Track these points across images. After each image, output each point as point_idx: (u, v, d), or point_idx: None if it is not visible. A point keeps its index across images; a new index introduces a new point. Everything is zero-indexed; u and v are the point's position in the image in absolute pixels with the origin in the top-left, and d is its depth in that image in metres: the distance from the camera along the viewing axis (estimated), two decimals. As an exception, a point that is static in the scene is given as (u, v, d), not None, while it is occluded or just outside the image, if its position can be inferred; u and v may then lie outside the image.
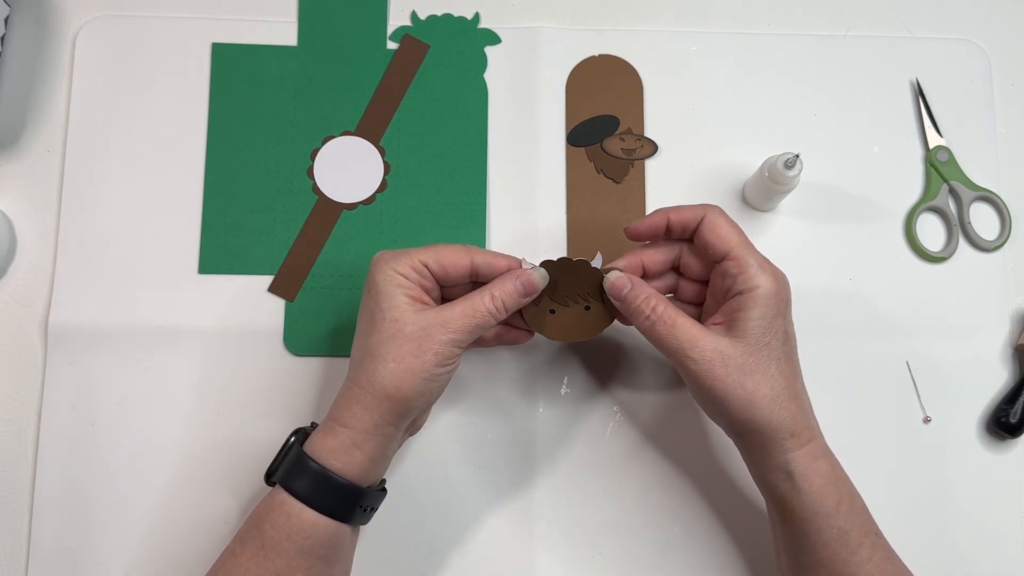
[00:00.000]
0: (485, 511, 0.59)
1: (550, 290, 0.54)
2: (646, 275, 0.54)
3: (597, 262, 0.53)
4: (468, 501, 0.59)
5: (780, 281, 0.50)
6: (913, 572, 0.50)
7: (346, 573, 0.53)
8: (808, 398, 0.51)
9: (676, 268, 0.55)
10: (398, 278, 0.50)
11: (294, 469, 0.49)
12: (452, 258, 0.51)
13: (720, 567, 0.59)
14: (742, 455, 0.52)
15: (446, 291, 0.54)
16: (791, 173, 0.58)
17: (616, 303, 0.52)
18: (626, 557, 0.59)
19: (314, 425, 0.53)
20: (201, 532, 0.58)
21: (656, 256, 0.53)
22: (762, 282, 0.49)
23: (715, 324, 0.50)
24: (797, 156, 0.58)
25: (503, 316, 0.51)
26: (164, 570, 0.58)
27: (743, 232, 0.51)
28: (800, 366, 0.51)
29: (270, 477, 0.51)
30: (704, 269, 0.53)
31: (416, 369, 0.48)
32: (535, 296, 0.52)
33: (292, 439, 0.52)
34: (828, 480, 0.49)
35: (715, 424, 0.59)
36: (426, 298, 0.51)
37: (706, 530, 0.60)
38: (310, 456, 0.49)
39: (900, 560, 0.50)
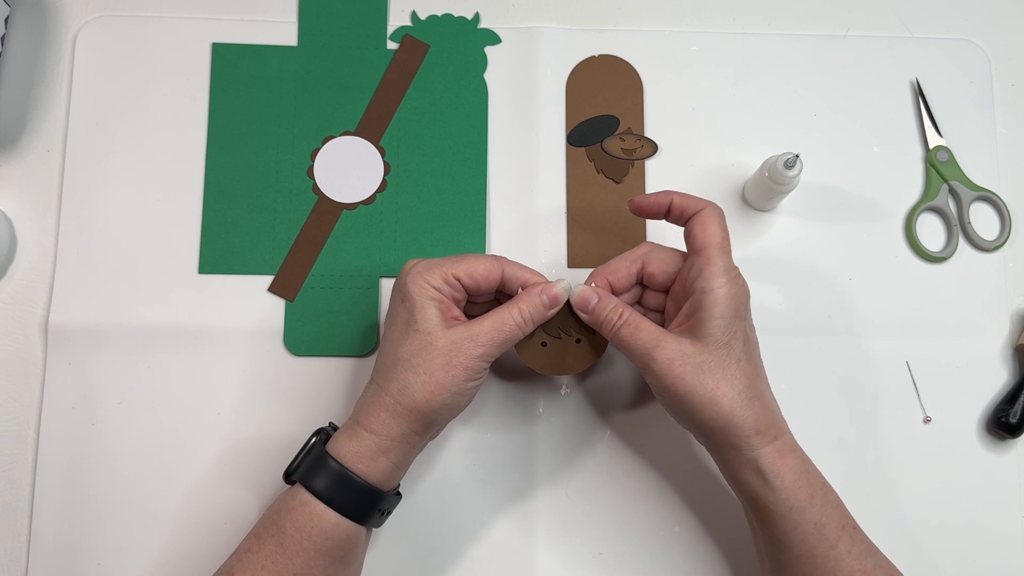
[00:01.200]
0: (485, 511, 0.59)
1: (542, 322, 0.54)
2: (614, 291, 0.54)
3: (564, 284, 0.53)
4: (468, 501, 0.59)
5: (738, 286, 0.50)
6: (908, 569, 0.50)
7: (358, 574, 0.53)
8: (773, 398, 0.51)
9: (639, 282, 0.55)
10: (431, 290, 0.51)
11: (316, 469, 0.49)
12: (484, 271, 0.52)
13: (720, 566, 0.59)
14: (714, 459, 0.52)
15: (470, 301, 0.55)
16: (791, 173, 0.58)
17: (584, 316, 0.53)
18: (626, 557, 0.59)
19: (333, 426, 0.53)
20: (202, 532, 0.58)
21: (619, 272, 0.54)
22: (721, 284, 0.49)
23: (678, 327, 0.51)
24: (797, 156, 0.58)
25: (530, 329, 0.52)
26: (164, 569, 0.58)
27: (728, 239, 0.51)
28: (763, 367, 0.52)
29: (290, 475, 0.51)
30: (667, 278, 0.54)
31: (446, 383, 0.49)
32: (558, 308, 0.53)
33: (314, 439, 0.52)
34: (800, 475, 0.49)
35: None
36: (456, 311, 0.52)
37: (706, 530, 0.60)
38: (333, 457, 0.49)
39: (880, 552, 0.51)
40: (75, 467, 0.58)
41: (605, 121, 0.65)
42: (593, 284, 0.54)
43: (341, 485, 0.49)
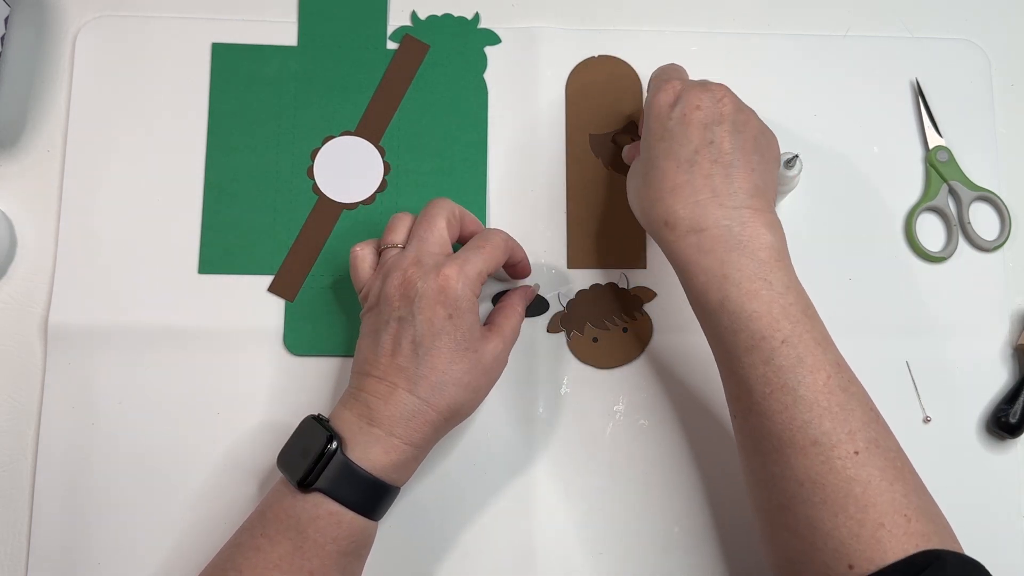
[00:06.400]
0: (484, 511, 0.59)
1: (589, 316, 0.60)
2: None
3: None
4: (467, 501, 0.59)
5: (657, 97, 0.53)
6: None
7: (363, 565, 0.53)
8: (717, 194, 0.49)
9: None
10: (475, 300, 0.52)
11: (350, 483, 0.48)
12: (501, 258, 0.54)
13: (720, 566, 0.59)
14: None
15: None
16: (791, 173, 0.58)
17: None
18: (626, 557, 0.59)
19: (321, 417, 0.51)
20: (201, 531, 0.58)
21: None
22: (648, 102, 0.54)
23: None
24: (797, 156, 0.58)
25: None
26: (164, 569, 0.58)
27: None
28: (699, 160, 0.50)
29: (309, 486, 0.48)
30: None
31: (484, 394, 0.53)
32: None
33: (332, 446, 0.48)
34: (712, 279, 0.48)
35: (715, 425, 0.59)
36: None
37: (706, 529, 0.59)
38: (368, 471, 0.48)
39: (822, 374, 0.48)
40: (75, 467, 0.58)
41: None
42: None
43: (381, 497, 0.49)
